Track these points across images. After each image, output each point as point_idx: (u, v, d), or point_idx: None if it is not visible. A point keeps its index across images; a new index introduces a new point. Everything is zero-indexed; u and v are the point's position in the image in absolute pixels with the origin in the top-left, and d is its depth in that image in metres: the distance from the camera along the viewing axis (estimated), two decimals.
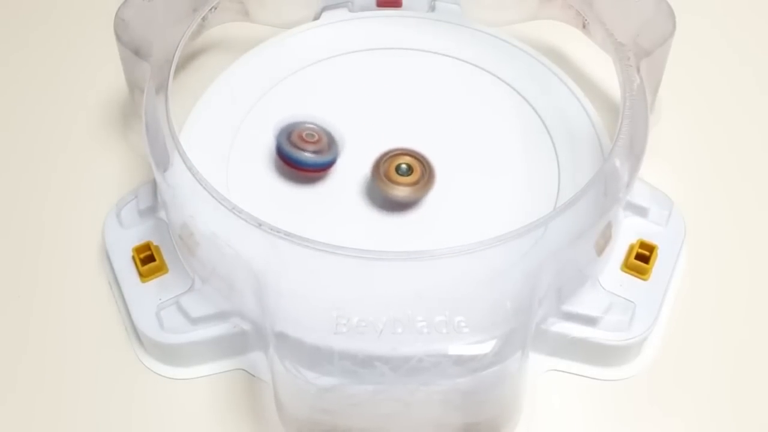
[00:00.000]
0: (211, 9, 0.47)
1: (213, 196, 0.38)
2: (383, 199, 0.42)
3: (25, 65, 0.51)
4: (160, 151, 0.40)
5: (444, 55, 0.48)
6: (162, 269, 0.41)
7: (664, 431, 0.40)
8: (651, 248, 0.42)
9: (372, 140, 0.44)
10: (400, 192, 0.42)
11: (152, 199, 0.43)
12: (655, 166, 0.43)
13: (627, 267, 0.41)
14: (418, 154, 0.42)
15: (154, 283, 0.41)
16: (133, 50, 0.43)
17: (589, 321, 0.40)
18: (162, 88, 0.41)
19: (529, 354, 0.37)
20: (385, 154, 0.42)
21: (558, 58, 0.48)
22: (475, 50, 0.48)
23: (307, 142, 0.42)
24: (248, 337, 0.40)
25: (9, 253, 0.44)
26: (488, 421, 0.38)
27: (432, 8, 0.50)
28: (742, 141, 0.48)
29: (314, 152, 0.42)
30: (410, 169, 0.42)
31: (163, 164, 0.40)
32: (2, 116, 0.49)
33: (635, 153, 0.40)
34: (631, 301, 0.40)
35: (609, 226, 0.40)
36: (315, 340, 0.36)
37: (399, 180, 0.42)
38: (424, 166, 0.42)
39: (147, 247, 0.41)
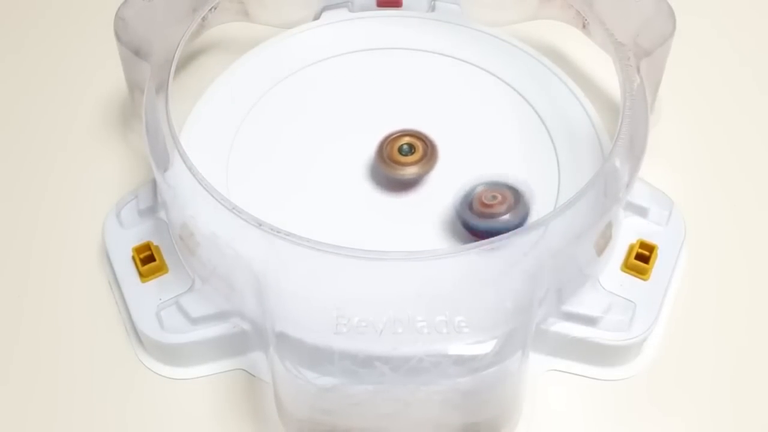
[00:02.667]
0: (211, 9, 0.47)
1: (213, 196, 0.38)
2: (382, 198, 0.42)
3: (24, 65, 0.51)
4: (160, 151, 0.40)
5: (444, 55, 0.48)
6: (162, 269, 0.41)
7: (664, 431, 0.40)
8: (651, 248, 0.42)
9: (372, 140, 0.44)
10: (408, 172, 0.42)
11: (152, 199, 0.43)
12: (655, 166, 0.43)
13: (627, 267, 0.41)
14: (418, 132, 0.43)
15: (154, 283, 0.41)
16: (133, 50, 0.43)
17: (589, 321, 0.40)
18: (162, 88, 0.41)
19: (529, 354, 0.37)
20: (386, 138, 0.43)
21: (558, 58, 0.48)
22: (475, 50, 0.48)
23: (490, 206, 0.40)
24: (248, 337, 0.40)
25: (9, 253, 0.44)
26: (488, 421, 0.38)
27: (432, 8, 0.50)
28: (742, 141, 0.48)
29: (505, 213, 0.40)
30: (412, 148, 0.42)
31: (163, 164, 0.40)
32: (2, 116, 0.49)
33: (635, 153, 0.40)
34: (631, 301, 0.40)
35: (609, 226, 0.40)
36: (315, 340, 0.36)
37: (403, 160, 0.42)
38: (425, 143, 0.42)
39: (147, 247, 0.41)
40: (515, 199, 0.40)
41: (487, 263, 0.37)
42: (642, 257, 0.41)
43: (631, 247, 0.42)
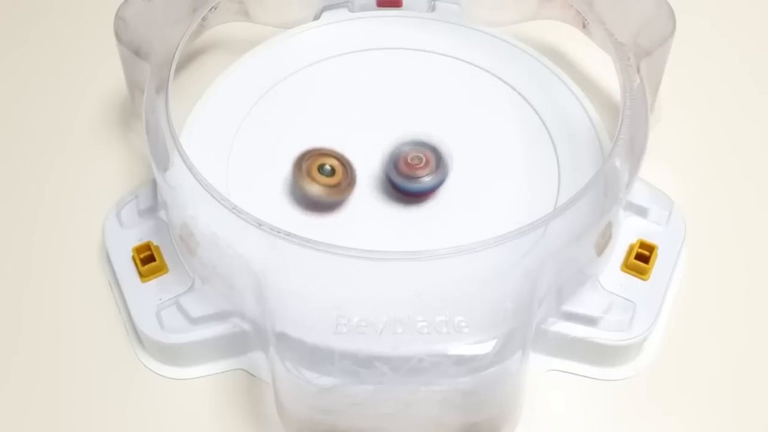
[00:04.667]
0: (211, 9, 0.47)
1: (213, 196, 0.38)
2: (383, 198, 0.42)
3: (25, 65, 0.51)
4: (160, 151, 0.40)
5: (444, 55, 0.48)
6: (162, 269, 0.41)
7: (664, 431, 0.40)
8: (651, 248, 0.42)
9: (372, 140, 0.44)
10: (317, 190, 0.42)
11: (152, 199, 0.43)
12: (655, 166, 0.43)
13: (627, 267, 0.41)
14: (342, 156, 0.43)
15: (154, 283, 0.41)
16: (133, 50, 0.43)
17: (589, 321, 0.40)
18: (162, 88, 0.41)
19: (529, 354, 0.37)
20: (308, 152, 0.42)
21: (558, 58, 0.48)
22: (475, 50, 0.48)
23: (416, 167, 0.42)
24: (248, 337, 0.40)
25: (9, 253, 0.44)
26: (488, 421, 0.38)
27: (432, 8, 0.50)
28: (743, 141, 0.48)
29: (427, 176, 0.42)
30: (333, 171, 0.42)
31: (163, 164, 0.40)
32: (2, 116, 0.49)
33: (635, 153, 0.40)
34: (631, 301, 0.40)
35: (609, 226, 0.40)
36: (315, 340, 0.36)
37: (320, 179, 0.42)
38: (346, 168, 0.42)
39: (147, 247, 0.41)
40: (437, 160, 0.42)
41: (487, 263, 0.37)
42: (642, 257, 0.41)
43: (631, 247, 0.42)
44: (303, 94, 0.47)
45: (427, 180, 0.42)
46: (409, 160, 0.42)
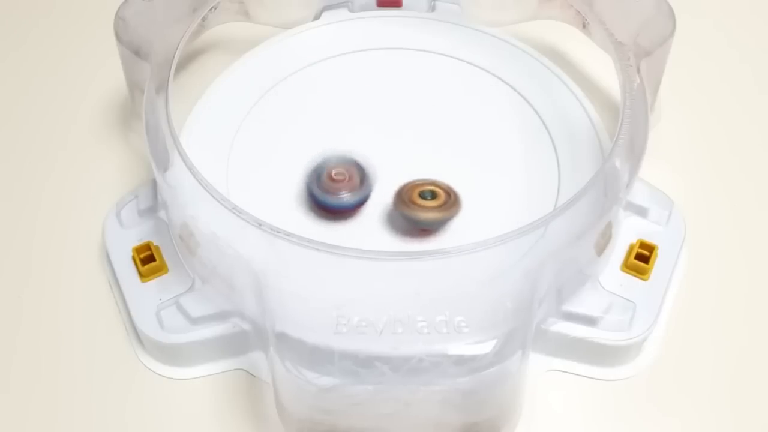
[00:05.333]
0: (211, 9, 0.47)
1: (213, 196, 0.38)
2: (382, 198, 0.42)
3: (25, 65, 0.51)
4: (160, 151, 0.40)
5: (444, 55, 0.48)
6: (162, 269, 0.41)
7: (664, 431, 0.40)
8: (651, 248, 0.42)
9: (372, 140, 0.44)
10: (426, 215, 0.41)
11: (152, 199, 0.43)
12: (655, 166, 0.43)
13: (627, 267, 0.41)
14: (442, 183, 0.42)
15: (154, 283, 0.41)
16: (133, 50, 0.43)
17: (589, 321, 0.40)
18: (162, 88, 0.41)
19: (529, 354, 0.37)
20: (407, 184, 0.42)
21: (558, 58, 0.48)
22: (475, 50, 0.48)
23: (337, 182, 0.41)
24: (248, 337, 0.40)
25: (9, 253, 0.44)
26: (488, 421, 0.38)
27: (432, 8, 0.50)
28: (742, 141, 0.48)
29: (347, 192, 0.41)
30: (434, 195, 0.41)
31: (163, 164, 0.40)
32: (2, 116, 0.49)
33: (635, 153, 0.40)
34: (631, 301, 0.40)
35: (609, 226, 0.40)
36: (315, 340, 0.36)
37: (422, 204, 0.41)
38: (447, 193, 0.42)
39: (147, 247, 0.41)
40: (361, 178, 0.41)
41: (487, 263, 0.37)
42: (642, 257, 0.41)
43: (631, 247, 0.42)
44: (303, 94, 0.47)
45: (346, 197, 0.41)
46: (333, 175, 0.41)
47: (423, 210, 0.41)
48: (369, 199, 0.42)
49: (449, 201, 0.41)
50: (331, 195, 0.41)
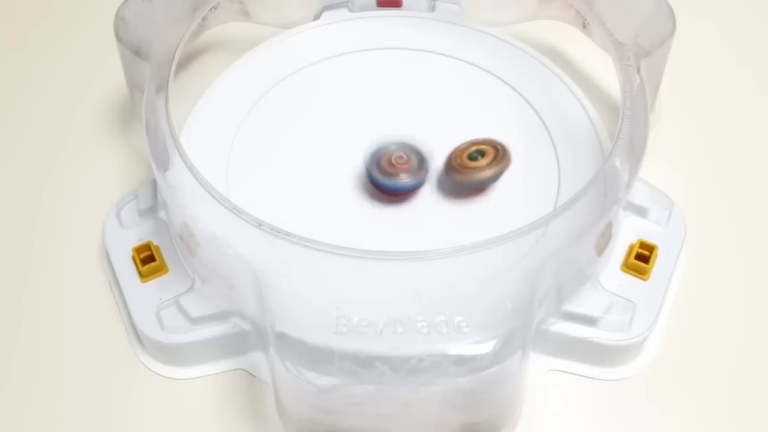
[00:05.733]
0: (211, 9, 0.47)
1: (213, 196, 0.38)
2: (384, 197, 0.42)
3: (25, 65, 0.51)
4: (160, 151, 0.40)
5: (444, 55, 0.48)
6: (162, 269, 0.41)
7: (664, 431, 0.40)
8: (651, 248, 0.42)
9: (372, 140, 0.44)
10: (482, 175, 0.42)
11: (152, 199, 0.43)
12: (655, 166, 0.43)
13: (627, 267, 0.41)
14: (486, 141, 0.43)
15: (154, 283, 0.41)
16: (133, 50, 0.43)
17: (589, 321, 0.40)
18: (162, 88, 0.41)
19: (529, 354, 0.37)
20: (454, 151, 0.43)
21: (558, 58, 0.48)
22: (475, 50, 0.48)
23: (397, 166, 0.42)
24: (248, 337, 0.40)
25: (9, 253, 0.44)
26: (488, 421, 0.38)
27: (432, 8, 0.50)
28: (742, 141, 0.48)
29: (407, 175, 0.42)
30: (482, 153, 0.42)
31: (163, 164, 0.40)
32: (2, 116, 0.49)
33: (635, 153, 0.40)
34: (631, 301, 0.40)
35: (609, 226, 0.40)
36: (315, 340, 0.36)
37: (474, 165, 0.42)
38: (494, 147, 0.43)
39: (147, 247, 0.41)
40: (419, 161, 0.42)
41: (487, 263, 0.37)
42: (642, 257, 0.41)
43: (631, 247, 0.42)
44: (303, 94, 0.47)
45: (406, 180, 0.42)
46: (393, 160, 0.42)
47: (478, 171, 0.42)
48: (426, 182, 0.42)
49: (498, 155, 0.42)
50: (392, 178, 0.42)
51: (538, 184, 0.43)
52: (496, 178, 0.42)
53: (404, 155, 0.42)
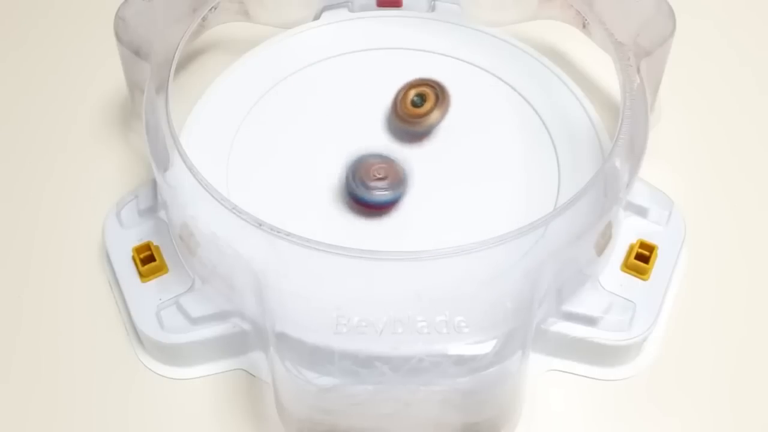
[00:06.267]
0: (211, 9, 0.47)
1: (213, 196, 0.38)
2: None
3: (25, 65, 0.51)
4: (160, 151, 0.40)
5: (444, 55, 0.48)
6: (162, 269, 0.41)
7: (664, 431, 0.40)
8: (651, 248, 0.42)
9: (372, 140, 0.44)
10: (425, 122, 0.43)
11: (152, 199, 0.43)
12: (655, 166, 0.43)
13: (627, 267, 0.41)
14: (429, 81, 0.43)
15: (154, 283, 0.41)
16: (133, 50, 0.43)
17: (589, 321, 0.40)
18: (162, 88, 0.41)
19: (529, 354, 0.37)
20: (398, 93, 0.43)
21: (558, 58, 0.48)
22: (475, 50, 0.48)
23: (376, 179, 0.41)
24: (248, 337, 0.40)
25: (9, 253, 0.44)
26: (488, 421, 0.38)
27: (432, 8, 0.50)
28: (742, 141, 0.48)
29: (385, 189, 0.41)
30: (423, 98, 0.43)
31: (163, 164, 0.40)
32: (2, 116, 0.49)
33: (635, 153, 0.40)
34: (631, 301, 0.40)
35: (609, 226, 0.40)
36: (315, 340, 0.36)
37: (417, 111, 0.43)
38: (435, 90, 0.43)
39: (147, 247, 0.41)
40: (398, 175, 0.42)
41: (487, 263, 0.37)
42: (642, 257, 0.41)
43: (631, 247, 0.42)
44: (303, 94, 0.47)
45: (385, 194, 0.42)
46: (372, 172, 0.42)
47: (425, 118, 0.43)
48: (405, 196, 0.42)
49: (439, 96, 0.43)
50: (371, 191, 0.41)
51: (538, 184, 0.43)
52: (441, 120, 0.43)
53: (383, 168, 0.42)
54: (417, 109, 0.43)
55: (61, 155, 0.47)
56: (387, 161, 0.42)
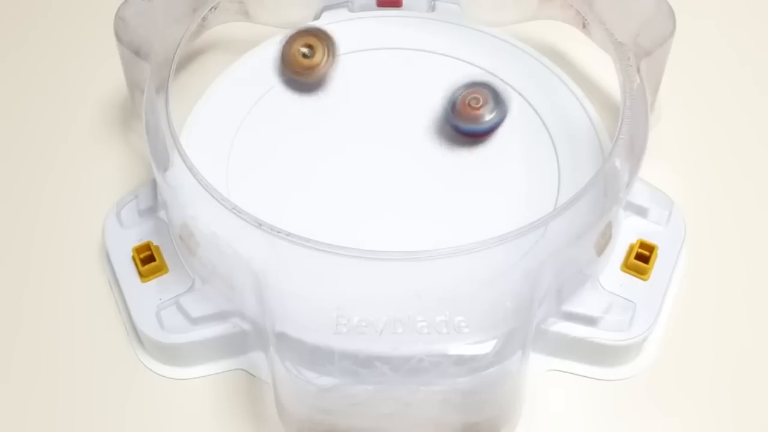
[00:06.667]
0: (211, 9, 0.47)
1: (213, 196, 0.38)
2: (383, 198, 0.42)
3: (25, 65, 0.51)
4: (160, 151, 0.40)
5: (444, 55, 0.48)
6: (162, 269, 0.41)
7: (664, 431, 0.40)
8: (651, 248, 0.42)
9: (372, 140, 0.44)
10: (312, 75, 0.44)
11: (152, 199, 0.43)
12: (655, 166, 0.43)
13: (627, 267, 0.41)
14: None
15: (154, 283, 0.41)
16: (133, 50, 0.43)
17: (589, 321, 0.40)
18: (162, 88, 0.41)
19: (529, 354, 0.37)
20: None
21: (558, 58, 0.48)
22: (475, 50, 0.48)
23: (474, 108, 0.43)
24: (248, 337, 0.40)
25: (9, 253, 0.44)
26: (488, 421, 0.38)
27: (432, 8, 0.50)
28: (742, 141, 0.48)
29: (486, 115, 0.43)
30: (313, 49, 0.44)
31: (163, 164, 0.40)
32: (2, 116, 0.49)
33: (635, 153, 0.40)
34: (631, 301, 0.40)
35: (609, 226, 0.40)
36: (315, 340, 0.36)
37: (308, 63, 0.44)
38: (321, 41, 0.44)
39: (147, 247, 0.41)
40: (494, 98, 0.43)
41: (487, 263, 0.37)
42: (642, 257, 0.41)
43: (631, 247, 0.42)
44: (303, 94, 0.46)
45: (488, 119, 0.43)
46: (468, 102, 0.43)
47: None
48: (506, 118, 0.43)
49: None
50: (471, 121, 0.43)
51: (538, 184, 0.43)
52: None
53: (478, 96, 0.43)
54: (308, 60, 0.44)
55: (61, 155, 0.47)
56: (476, 89, 0.43)
